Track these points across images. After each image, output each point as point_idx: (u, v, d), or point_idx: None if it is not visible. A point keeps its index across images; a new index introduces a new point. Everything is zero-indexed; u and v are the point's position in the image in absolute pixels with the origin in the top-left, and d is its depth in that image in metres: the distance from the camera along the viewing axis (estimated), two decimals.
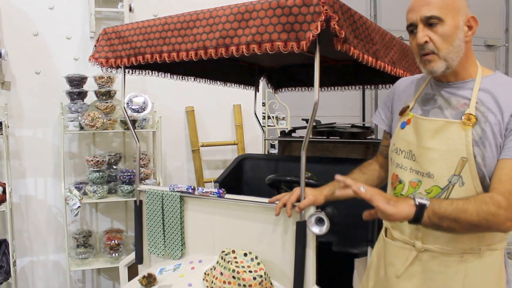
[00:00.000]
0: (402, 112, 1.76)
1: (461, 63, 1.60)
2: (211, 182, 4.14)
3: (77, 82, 3.57)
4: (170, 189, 2.40)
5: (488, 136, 1.52)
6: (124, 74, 2.55)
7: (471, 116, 1.54)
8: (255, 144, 4.39)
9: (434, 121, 1.62)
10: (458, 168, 1.54)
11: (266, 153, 4.05)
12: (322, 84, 3.41)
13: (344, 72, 3.33)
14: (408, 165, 1.67)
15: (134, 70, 2.67)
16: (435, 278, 1.61)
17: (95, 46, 2.54)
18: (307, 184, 1.98)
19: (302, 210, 1.89)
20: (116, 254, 3.65)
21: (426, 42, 1.56)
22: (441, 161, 1.57)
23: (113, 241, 3.66)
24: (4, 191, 3.34)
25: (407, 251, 1.67)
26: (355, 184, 1.52)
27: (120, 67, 2.51)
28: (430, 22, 1.55)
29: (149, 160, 3.79)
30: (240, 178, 3.36)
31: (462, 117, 1.55)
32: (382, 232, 1.86)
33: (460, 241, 1.57)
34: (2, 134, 3.25)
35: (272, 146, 5.36)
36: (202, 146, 4.20)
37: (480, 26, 1.63)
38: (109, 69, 2.55)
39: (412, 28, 1.61)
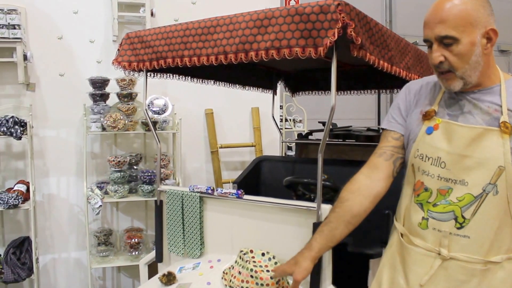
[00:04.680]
0: (427, 117, 1.67)
1: (482, 74, 1.55)
2: (229, 183, 4.19)
3: (99, 84, 3.65)
4: (190, 189, 2.46)
5: None
6: (146, 77, 2.62)
7: (507, 124, 1.49)
8: (273, 146, 4.43)
9: (472, 128, 1.54)
10: (494, 177, 1.49)
11: (284, 155, 4.09)
12: (338, 88, 3.42)
13: (360, 77, 3.36)
14: (436, 172, 1.60)
15: (155, 74, 2.73)
16: (460, 287, 1.56)
17: (118, 50, 2.61)
18: (324, 186, 2.02)
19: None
20: (136, 253, 3.71)
21: (441, 62, 1.52)
22: (477, 169, 1.51)
23: (133, 240, 3.72)
24: (28, 190, 3.43)
25: (431, 258, 1.60)
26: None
27: (142, 71, 2.58)
28: (445, 42, 1.50)
29: (169, 161, 3.86)
30: (258, 180, 3.40)
31: (499, 125, 1.50)
32: (397, 237, 1.77)
33: (488, 250, 1.53)
34: (26, 134, 3.34)
35: (289, 148, 5.39)
36: (221, 147, 4.25)
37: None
38: (131, 72, 2.62)
39: (428, 43, 1.57)
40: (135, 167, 3.82)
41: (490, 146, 1.50)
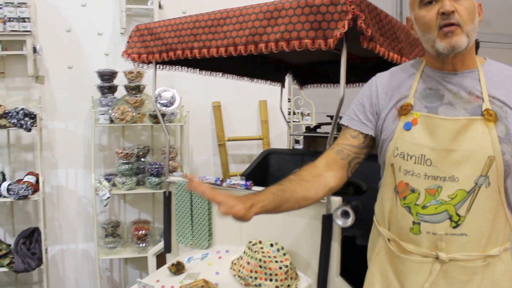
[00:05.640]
0: (403, 111, 1.56)
1: (470, 48, 1.50)
2: (236, 176, 4.20)
3: (107, 76, 3.67)
4: (198, 180, 2.47)
5: None
6: (155, 70, 2.63)
7: (491, 111, 1.44)
8: (280, 139, 4.43)
9: (455, 120, 1.46)
10: (485, 168, 1.42)
11: (291, 148, 4.10)
12: (347, 81, 3.42)
13: (369, 69, 3.35)
14: (422, 171, 1.49)
15: (164, 66, 2.75)
16: None
17: (127, 42, 2.62)
18: None
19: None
20: (143, 244, 3.74)
21: (453, 11, 1.42)
22: (466, 163, 1.43)
23: (140, 232, 3.75)
24: (37, 181, 3.46)
25: (429, 264, 1.50)
26: (199, 183, 1.41)
27: (152, 63, 2.59)
28: None
29: (176, 154, 3.87)
30: (266, 172, 3.41)
31: (482, 113, 1.45)
32: (383, 243, 1.65)
33: (486, 245, 1.48)
34: (36, 126, 3.36)
35: (297, 142, 5.39)
36: (228, 140, 4.26)
37: (508, 24, 1.56)
38: (140, 64, 2.63)
39: None
40: (142, 159, 3.83)
41: (476, 136, 1.44)
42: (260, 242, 2.18)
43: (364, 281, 1.74)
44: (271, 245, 2.17)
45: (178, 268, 2.24)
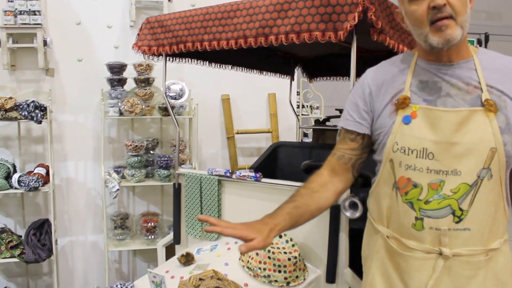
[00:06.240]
0: (401, 105, 1.51)
1: (464, 37, 1.45)
2: (245, 169, 4.21)
3: (117, 69, 3.68)
4: (208, 172, 2.49)
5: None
6: (166, 62, 2.64)
7: (490, 101, 1.40)
8: (289, 132, 4.43)
9: (457, 112, 1.42)
10: (487, 161, 1.39)
11: (300, 141, 4.10)
12: (357, 74, 3.44)
13: (379, 62, 3.35)
14: (424, 166, 1.45)
15: (174, 58, 2.76)
16: (468, 284, 1.47)
17: (138, 34, 2.63)
18: None
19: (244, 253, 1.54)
20: (152, 237, 3.76)
21: (444, 4, 1.36)
22: (469, 155, 1.40)
23: (149, 224, 3.77)
24: (47, 173, 3.49)
25: (432, 261, 1.47)
26: (220, 223, 1.42)
27: (162, 55, 2.60)
28: None
29: (185, 146, 3.89)
30: (275, 165, 3.42)
31: (483, 103, 1.41)
32: (382, 242, 1.61)
33: (488, 238, 1.46)
34: (46, 118, 3.38)
35: (305, 135, 5.39)
36: (237, 133, 4.27)
37: None
38: (151, 56, 2.65)
39: None
40: (151, 152, 3.85)
41: (478, 128, 1.40)
42: None
43: (364, 282, 1.71)
44: (280, 236, 2.17)
45: (187, 259, 2.25)
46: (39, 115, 3.33)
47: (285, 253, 2.08)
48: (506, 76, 1.46)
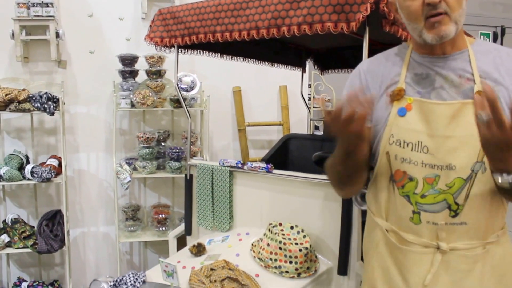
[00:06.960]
0: (396, 96, 1.49)
1: (460, 31, 1.43)
2: (256, 161, 4.21)
3: (129, 61, 3.69)
4: (220, 163, 2.49)
5: (505, 113, 1.34)
6: (178, 53, 2.64)
7: (482, 93, 1.31)
8: (300, 125, 4.42)
9: (449, 105, 1.40)
10: (481, 154, 1.36)
11: (311, 134, 4.10)
12: None
13: None
14: (419, 159, 1.43)
15: (186, 50, 2.76)
16: (466, 277, 1.46)
17: (150, 26, 2.64)
18: None
19: None
20: (163, 228, 3.77)
21: (440, 1, 1.34)
22: (462, 149, 1.38)
23: (160, 215, 3.78)
24: (60, 164, 3.51)
25: (430, 255, 1.46)
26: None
27: (174, 46, 2.61)
28: None
29: (196, 138, 3.89)
30: (286, 157, 3.42)
31: (474, 95, 1.37)
32: (381, 235, 1.59)
33: (485, 231, 1.45)
34: (58, 110, 3.40)
35: (316, 128, 5.38)
36: (248, 125, 4.27)
37: None
38: (163, 48, 2.65)
39: None
40: (163, 143, 3.86)
41: (470, 121, 1.32)
42: (280, 224, 2.19)
43: (364, 275, 1.70)
44: (291, 227, 2.18)
45: (199, 250, 2.26)
46: (52, 106, 3.34)
47: (296, 244, 2.08)
48: (500, 66, 1.43)
